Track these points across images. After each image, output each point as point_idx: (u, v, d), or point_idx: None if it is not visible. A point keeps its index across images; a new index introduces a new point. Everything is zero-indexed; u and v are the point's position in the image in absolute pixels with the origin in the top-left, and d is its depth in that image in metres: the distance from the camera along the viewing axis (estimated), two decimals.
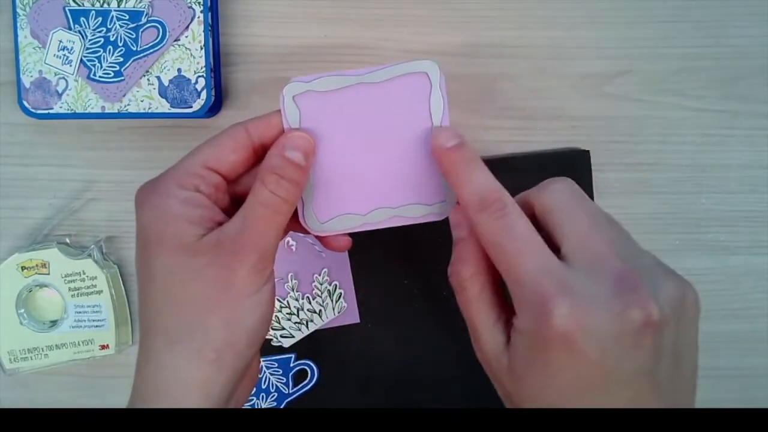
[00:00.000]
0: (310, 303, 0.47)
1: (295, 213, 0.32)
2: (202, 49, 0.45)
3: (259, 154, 0.32)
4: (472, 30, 0.47)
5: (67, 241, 0.48)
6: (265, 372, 0.47)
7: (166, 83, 0.45)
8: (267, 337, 0.43)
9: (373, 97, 0.31)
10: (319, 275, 0.47)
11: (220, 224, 0.30)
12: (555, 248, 0.28)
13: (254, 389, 0.47)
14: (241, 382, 0.31)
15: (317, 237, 0.33)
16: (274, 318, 0.46)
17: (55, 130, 0.48)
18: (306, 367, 0.47)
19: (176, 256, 0.29)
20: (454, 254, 0.30)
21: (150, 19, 0.45)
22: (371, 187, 0.32)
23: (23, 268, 0.47)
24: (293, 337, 0.47)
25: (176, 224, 0.29)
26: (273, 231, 0.30)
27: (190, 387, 0.28)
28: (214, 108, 0.46)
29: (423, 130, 0.32)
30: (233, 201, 0.32)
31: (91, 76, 0.45)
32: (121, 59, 0.45)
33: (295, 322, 0.47)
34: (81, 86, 0.45)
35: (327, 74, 0.31)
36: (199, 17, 0.45)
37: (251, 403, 0.47)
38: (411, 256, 0.47)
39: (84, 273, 0.47)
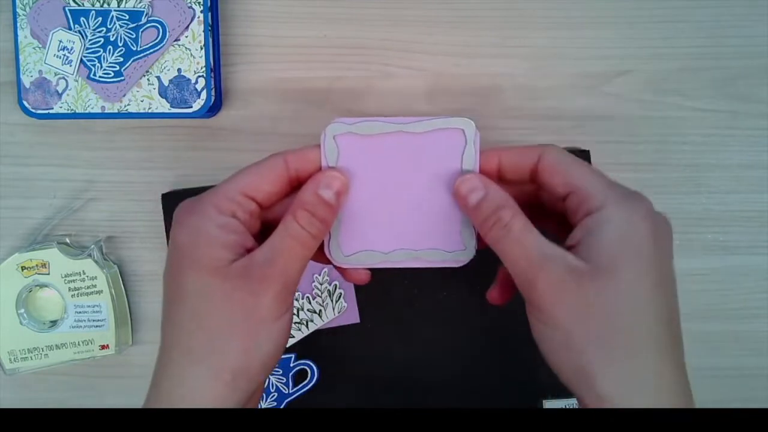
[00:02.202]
0: (310, 303, 0.47)
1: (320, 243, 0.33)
2: (202, 49, 0.45)
3: (294, 185, 0.33)
4: (472, 30, 0.47)
5: (67, 241, 0.48)
6: None
7: (166, 83, 0.45)
8: None
9: (410, 145, 0.33)
10: (319, 275, 0.47)
11: (249, 250, 0.31)
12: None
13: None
14: (248, 403, 0.32)
15: (338, 268, 0.35)
16: None
17: (55, 130, 0.48)
18: (306, 367, 0.47)
19: (209, 277, 0.30)
20: (482, 213, 0.31)
21: (150, 19, 0.45)
22: (396, 228, 0.34)
23: (23, 268, 0.47)
24: (293, 337, 0.47)
25: (212, 247, 0.30)
26: (299, 263, 0.31)
27: (203, 405, 0.29)
28: (214, 108, 0.46)
29: (452, 183, 0.33)
30: (263, 226, 0.33)
31: (91, 76, 0.45)
32: (121, 59, 0.45)
33: (295, 322, 0.47)
34: (81, 86, 0.45)
35: (370, 119, 0.33)
36: (199, 17, 0.45)
37: None
38: None
39: (84, 273, 0.47)
